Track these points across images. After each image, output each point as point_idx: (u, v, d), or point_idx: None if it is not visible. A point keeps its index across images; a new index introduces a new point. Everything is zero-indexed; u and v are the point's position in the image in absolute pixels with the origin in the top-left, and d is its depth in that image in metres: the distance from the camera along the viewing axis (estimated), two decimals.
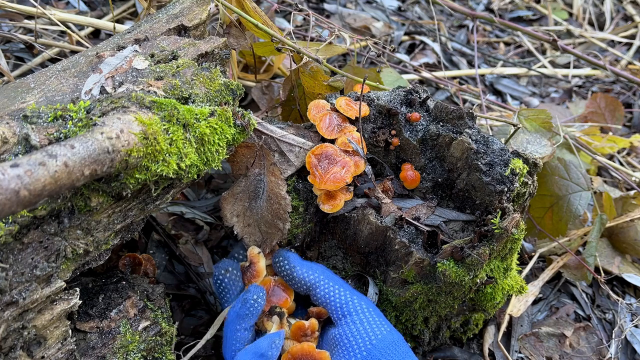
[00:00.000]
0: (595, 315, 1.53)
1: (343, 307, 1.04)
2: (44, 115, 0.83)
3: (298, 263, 1.10)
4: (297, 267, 1.09)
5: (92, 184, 0.81)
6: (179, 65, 0.99)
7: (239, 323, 1.02)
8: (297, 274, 1.08)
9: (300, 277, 1.08)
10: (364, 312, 1.03)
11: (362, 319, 1.02)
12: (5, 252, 0.77)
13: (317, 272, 1.09)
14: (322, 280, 1.07)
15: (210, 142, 0.95)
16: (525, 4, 3.09)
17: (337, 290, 1.06)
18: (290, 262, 1.10)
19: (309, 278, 1.08)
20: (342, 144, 1.10)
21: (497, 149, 1.08)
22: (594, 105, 2.10)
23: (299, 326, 1.06)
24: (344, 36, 1.58)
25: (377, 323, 1.01)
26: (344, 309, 1.04)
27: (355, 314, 1.02)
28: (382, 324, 1.01)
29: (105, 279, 1.08)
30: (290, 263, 1.09)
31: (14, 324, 0.78)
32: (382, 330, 1.00)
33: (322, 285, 1.07)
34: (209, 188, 1.64)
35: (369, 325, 1.00)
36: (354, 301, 1.04)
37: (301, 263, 1.10)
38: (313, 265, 1.11)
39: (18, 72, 1.60)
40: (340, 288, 1.07)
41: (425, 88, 1.23)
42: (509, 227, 1.01)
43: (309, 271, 1.09)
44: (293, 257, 1.11)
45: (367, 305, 1.05)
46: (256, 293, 1.03)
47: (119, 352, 0.97)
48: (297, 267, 1.09)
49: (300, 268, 1.09)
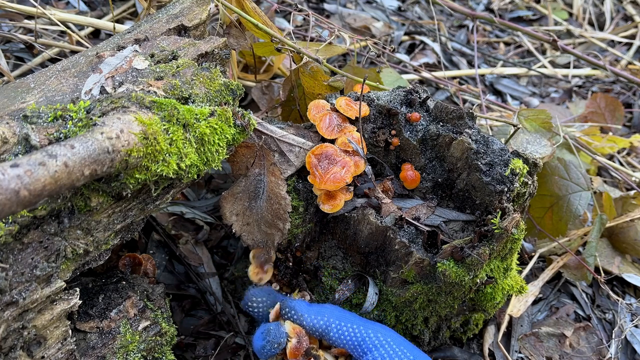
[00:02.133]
0: (595, 315, 1.53)
1: (362, 344, 1.02)
2: (44, 115, 0.83)
3: (305, 311, 1.07)
4: (305, 315, 1.06)
5: (92, 184, 0.81)
6: (179, 65, 0.99)
7: (262, 355, 1.05)
8: (306, 323, 1.06)
9: (311, 325, 1.06)
10: (384, 346, 1.00)
11: (384, 353, 0.99)
12: (5, 252, 0.77)
13: (327, 316, 1.06)
14: (333, 323, 1.05)
15: (210, 142, 0.95)
16: (525, 4, 3.09)
17: (351, 328, 1.04)
18: (297, 311, 1.07)
19: (319, 324, 1.05)
20: (342, 144, 1.10)
21: (497, 149, 1.08)
22: (594, 105, 2.10)
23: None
24: (344, 36, 1.58)
25: (400, 355, 0.99)
26: (362, 347, 1.01)
27: (376, 350, 1.00)
28: (404, 355, 0.99)
29: (105, 279, 1.08)
30: (297, 313, 1.07)
31: (14, 324, 0.78)
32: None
33: (335, 328, 1.05)
34: (209, 188, 1.64)
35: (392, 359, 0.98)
36: (370, 336, 1.02)
37: (308, 310, 1.08)
38: (321, 308, 1.09)
39: (18, 72, 1.60)
40: (353, 325, 1.04)
41: (425, 88, 1.23)
42: (509, 227, 1.01)
43: (318, 316, 1.06)
44: (299, 305, 1.08)
45: (384, 337, 1.02)
46: (277, 340, 1.03)
47: (119, 352, 0.97)
48: (304, 315, 1.06)
49: (308, 316, 1.06)
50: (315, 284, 1.22)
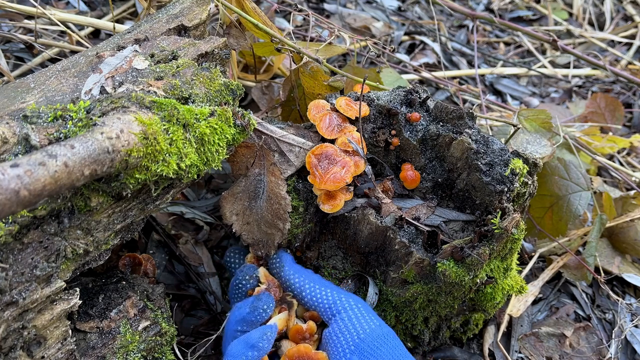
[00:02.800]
0: (595, 315, 1.53)
1: (332, 306, 1.05)
2: (44, 115, 0.83)
3: (288, 264, 1.12)
4: (286, 268, 1.11)
5: (92, 184, 0.81)
6: (179, 65, 0.99)
7: (241, 325, 1.04)
8: (284, 275, 1.11)
9: (287, 279, 1.10)
10: (352, 309, 1.04)
11: (351, 315, 1.03)
12: (5, 252, 0.77)
13: (304, 276, 1.10)
14: (308, 284, 1.09)
15: (210, 142, 0.95)
16: (525, 4, 3.09)
17: (324, 291, 1.07)
18: (282, 261, 1.12)
19: (295, 281, 1.10)
20: (342, 144, 1.10)
21: (497, 149, 1.08)
22: (594, 105, 2.10)
23: (297, 329, 1.06)
24: (344, 36, 1.58)
25: (366, 318, 1.02)
26: (332, 309, 1.05)
27: (344, 311, 1.03)
28: (370, 319, 1.02)
29: (105, 279, 1.08)
30: (281, 262, 1.12)
31: (14, 324, 0.78)
32: (371, 325, 1.01)
33: (308, 289, 1.08)
34: (209, 188, 1.64)
35: (357, 321, 1.01)
36: (342, 300, 1.05)
37: (291, 265, 1.12)
38: (302, 269, 1.12)
39: (18, 72, 1.60)
40: (327, 289, 1.08)
41: (425, 88, 1.23)
42: (509, 227, 1.01)
43: (296, 274, 1.10)
44: (286, 257, 1.13)
45: (355, 302, 1.05)
46: (267, 303, 1.04)
47: (119, 352, 0.97)
48: (285, 267, 1.11)
49: (288, 269, 1.11)
50: None
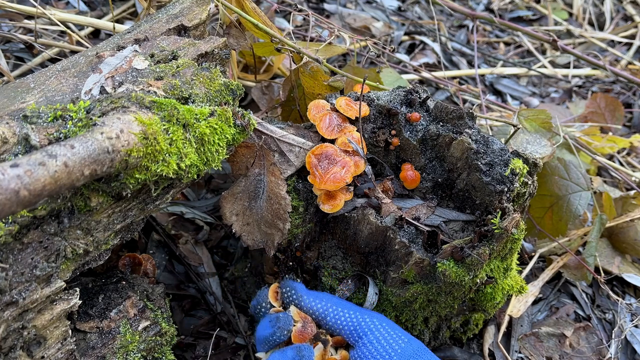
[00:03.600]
0: (595, 315, 1.53)
1: (357, 329, 1.03)
2: (44, 115, 0.83)
3: (305, 293, 1.10)
4: (305, 297, 1.09)
5: (92, 184, 0.81)
6: (179, 65, 0.99)
7: (267, 344, 1.05)
8: (305, 304, 1.09)
9: (309, 307, 1.08)
10: (378, 330, 1.02)
11: (378, 336, 1.01)
12: (5, 252, 0.77)
13: (324, 300, 1.09)
14: (330, 308, 1.07)
15: (210, 142, 0.95)
16: (525, 4, 3.09)
17: (347, 313, 1.06)
18: (297, 292, 1.10)
19: (317, 307, 1.08)
20: (342, 144, 1.10)
21: (497, 149, 1.08)
22: (594, 105, 2.10)
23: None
24: (344, 36, 1.58)
25: (394, 337, 1.01)
26: (358, 331, 1.03)
27: (371, 333, 1.02)
28: (398, 337, 1.01)
29: (105, 279, 1.08)
30: (297, 293, 1.10)
31: (14, 324, 0.78)
32: (401, 344, 0.99)
33: (332, 313, 1.07)
34: (209, 188, 1.64)
35: (386, 342, 1.00)
36: (366, 321, 1.04)
37: (308, 293, 1.11)
38: (320, 294, 1.11)
39: (18, 72, 1.60)
40: (350, 311, 1.06)
41: (425, 88, 1.23)
42: (509, 227, 1.01)
43: (316, 300, 1.09)
44: (300, 287, 1.11)
45: (379, 322, 1.04)
46: (286, 326, 1.04)
47: (119, 352, 0.97)
48: (304, 296, 1.09)
49: (307, 297, 1.09)
50: (315, 284, 1.22)
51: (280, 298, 1.12)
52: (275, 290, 1.13)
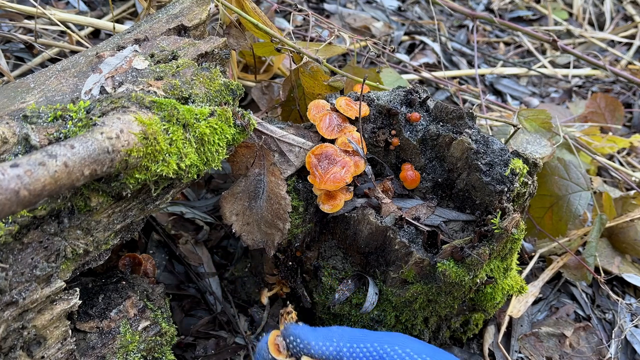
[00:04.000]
0: (595, 315, 1.53)
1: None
2: (44, 115, 0.83)
3: (312, 337, 0.96)
4: (313, 343, 0.96)
5: (92, 184, 0.81)
6: (179, 65, 0.99)
7: None
8: (315, 351, 0.95)
9: (320, 353, 0.95)
10: (402, 357, 0.93)
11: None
12: (5, 252, 0.77)
13: (335, 339, 0.96)
14: (344, 347, 0.95)
15: (210, 142, 0.95)
16: (525, 4, 3.09)
17: (365, 348, 0.95)
18: (303, 339, 0.96)
19: (329, 351, 0.95)
20: (342, 144, 1.10)
21: (497, 149, 1.08)
22: (594, 105, 2.10)
23: None
24: (344, 36, 1.58)
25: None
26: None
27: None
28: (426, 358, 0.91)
29: (105, 279, 1.08)
30: (303, 341, 0.96)
31: (14, 324, 0.78)
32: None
33: (347, 352, 0.95)
34: (209, 188, 1.64)
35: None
36: (386, 351, 0.93)
37: (315, 336, 0.97)
38: (328, 332, 0.98)
39: (18, 72, 1.60)
40: (367, 344, 0.95)
41: (425, 88, 1.23)
42: (509, 227, 1.01)
43: (326, 342, 0.96)
44: (304, 333, 0.97)
45: (401, 348, 0.94)
46: None
47: (118, 352, 0.97)
48: (311, 342, 0.96)
49: (315, 343, 0.96)
50: (315, 284, 1.22)
51: (285, 349, 0.98)
52: (274, 343, 0.98)
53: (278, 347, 0.98)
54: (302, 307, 1.28)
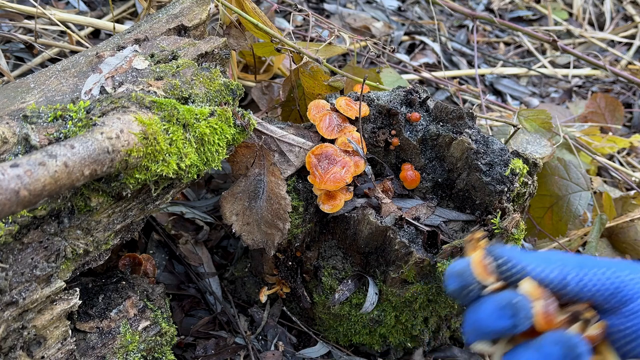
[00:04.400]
0: None
1: (618, 291, 0.76)
2: (44, 115, 0.83)
3: (528, 262, 0.77)
4: (532, 266, 0.77)
5: (92, 184, 0.81)
6: (179, 65, 0.99)
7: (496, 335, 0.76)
8: (535, 275, 0.76)
9: (542, 278, 0.76)
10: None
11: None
12: (5, 252, 0.77)
13: (559, 265, 0.78)
14: (569, 274, 0.77)
15: (210, 142, 0.95)
16: (525, 4, 3.09)
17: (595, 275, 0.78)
18: (518, 262, 0.77)
19: (553, 274, 0.77)
20: (342, 144, 1.10)
21: (497, 149, 1.08)
22: (594, 105, 2.10)
23: None
24: (344, 36, 1.58)
25: None
26: (621, 294, 0.76)
27: None
28: None
29: (105, 279, 1.08)
30: (518, 264, 0.77)
31: (14, 324, 0.78)
32: None
33: (573, 280, 0.77)
34: (209, 188, 1.64)
35: None
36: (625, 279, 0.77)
37: (532, 260, 0.78)
38: (546, 258, 0.79)
39: (18, 72, 1.60)
40: (599, 269, 0.78)
41: (425, 88, 1.23)
42: (509, 227, 1.01)
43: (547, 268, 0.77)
44: (517, 256, 0.78)
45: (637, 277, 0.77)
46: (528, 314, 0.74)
47: (118, 352, 0.97)
48: (528, 267, 0.77)
49: (535, 267, 0.77)
50: (315, 284, 1.22)
51: (492, 272, 0.80)
52: (481, 263, 0.79)
53: (486, 268, 0.79)
54: (302, 307, 1.28)
